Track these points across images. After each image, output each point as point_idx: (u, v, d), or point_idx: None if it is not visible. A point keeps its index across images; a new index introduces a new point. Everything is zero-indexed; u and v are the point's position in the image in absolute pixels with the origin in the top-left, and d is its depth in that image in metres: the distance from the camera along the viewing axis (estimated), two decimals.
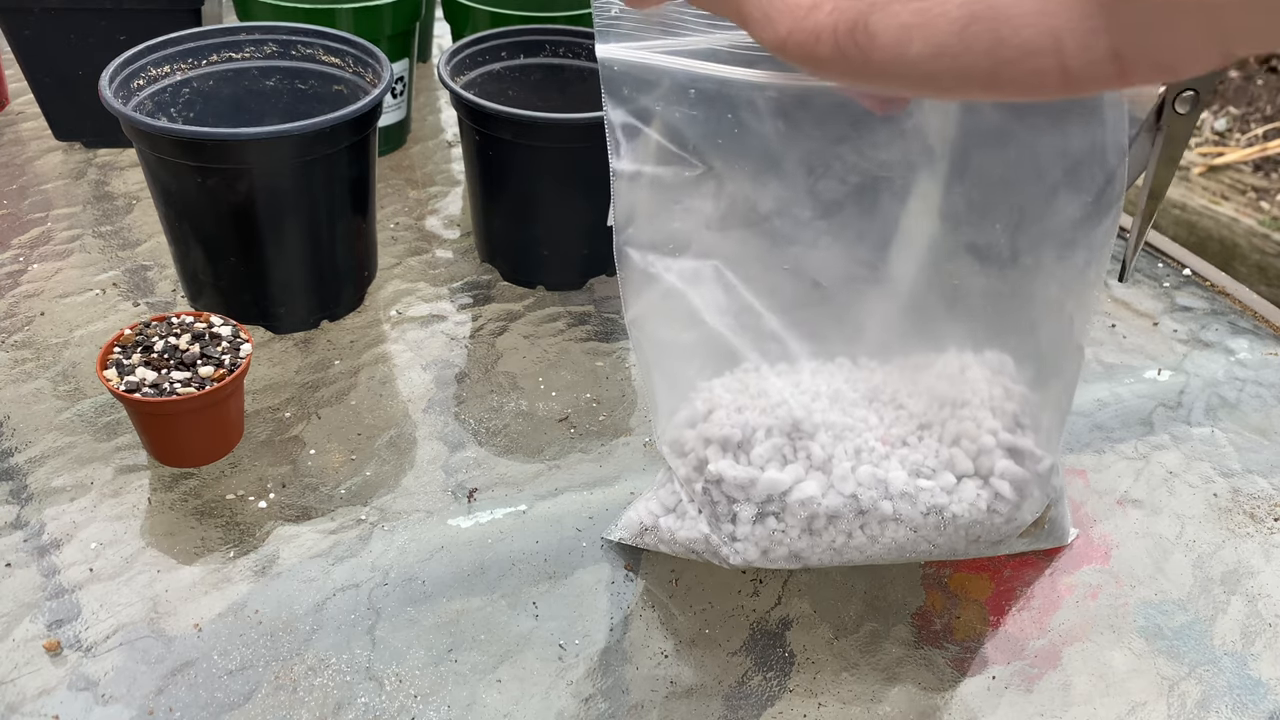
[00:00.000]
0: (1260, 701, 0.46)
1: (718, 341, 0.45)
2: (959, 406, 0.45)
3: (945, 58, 0.23)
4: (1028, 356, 0.45)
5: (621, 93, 0.40)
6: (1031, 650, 0.47)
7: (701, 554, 0.46)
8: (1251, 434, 0.62)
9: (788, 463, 0.44)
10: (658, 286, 0.44)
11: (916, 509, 0.44)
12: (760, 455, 0.44)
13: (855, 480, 0.43)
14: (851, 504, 0.43)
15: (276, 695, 0.43)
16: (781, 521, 0.44)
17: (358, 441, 0.56)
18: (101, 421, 0.56)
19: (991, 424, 0.44)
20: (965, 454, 0.44)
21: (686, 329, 0.44)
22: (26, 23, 0.74)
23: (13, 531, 0.49)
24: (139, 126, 0.54)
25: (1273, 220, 1.81)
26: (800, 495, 0.43)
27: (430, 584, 0.48)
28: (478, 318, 0.67)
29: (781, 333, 0.44)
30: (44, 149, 0.81)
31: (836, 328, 0.45)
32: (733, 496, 0.44)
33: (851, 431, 0.44)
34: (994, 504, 0.44)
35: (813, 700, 0.44)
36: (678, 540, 0.47)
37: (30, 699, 0.42)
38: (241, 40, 0.65)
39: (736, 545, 0.45)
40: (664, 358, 0.45)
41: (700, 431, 0.45)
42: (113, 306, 0.65)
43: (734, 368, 0.45)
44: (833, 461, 0.44)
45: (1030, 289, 0.44)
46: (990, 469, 0.44)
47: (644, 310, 0.44)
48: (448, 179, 0.83)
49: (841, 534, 0.44)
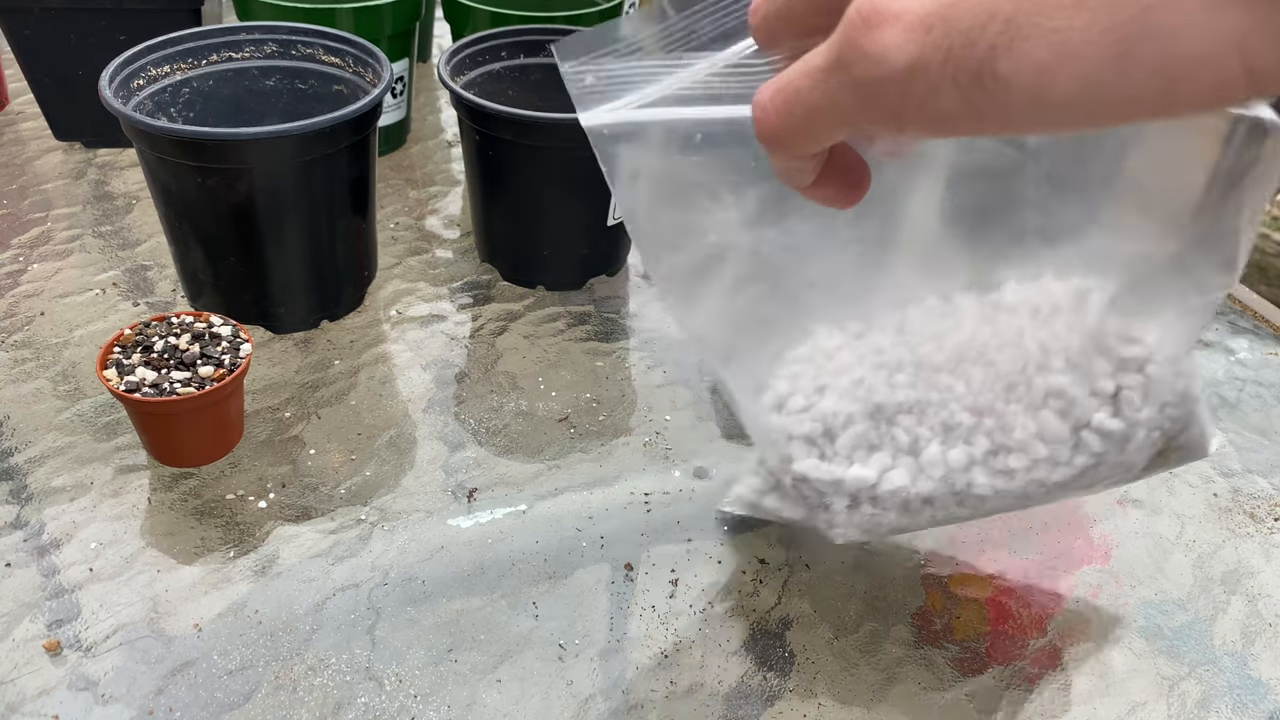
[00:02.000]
0: (1260, 701, 0.46)
1: (790, 312, 0.43)
2: (1050, 355, 0.42)
3: (1101, 89, 0.20)
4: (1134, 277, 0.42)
5: (618, 156, 0.38)
6: (1031, 650, 0.47)
7: (810, 525, 0.47)
8: (1251, 434, 0.62)
9: (874, 449, 0.43)
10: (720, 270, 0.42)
11: (1013, 484, 0.42)
12: (845, 445, 0.43)
13: (946, 464, 0.42)
14: (944, 486, 0.43)
15: (276, 695, 0.43)
16: (876, 506, 0.43)
17: (358, 441, 0.56)
18: (101, 421, 0.56)
19: (1086, 372, 0.41)
20: (1056, 414, 0.41)
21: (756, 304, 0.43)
22: (26, 23, 0.74)
23: (13, 531, 0.49)
24: (139, 126, 0.54)
25: (1272, 220, 1.81)
26: (890, 486, 0.43)
27: (430, 584, 0.48)
28: (478, 318, 0.67)
29: (857, 288, 0.43)
30: (44, 149, 0.81)
31: (918, 270, 0.43)
32: (822, 491, 0.44)
33: (937, 406, 0.42)
34: (1093, 458, 0.42)
35: (813, 700, 0.44)
36: (784, 516, 0.48)
37: (30, 699, 0.42)
38: (241, 40, 0.65)
39: (836, 530, 0.45)
40: (731, 358, 0.44)
41: (782, 423, 0.44)
42: (113, 306, 0.65)
43: (810, 336, 0.44)
44: (920, 443, 0.42)
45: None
46: (1085, 422, 0.42)
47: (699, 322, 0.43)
48: (448, 179, 0.83)
49: (941, 510, 0.44)
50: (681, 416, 0.60)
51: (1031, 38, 0.20)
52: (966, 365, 0.42)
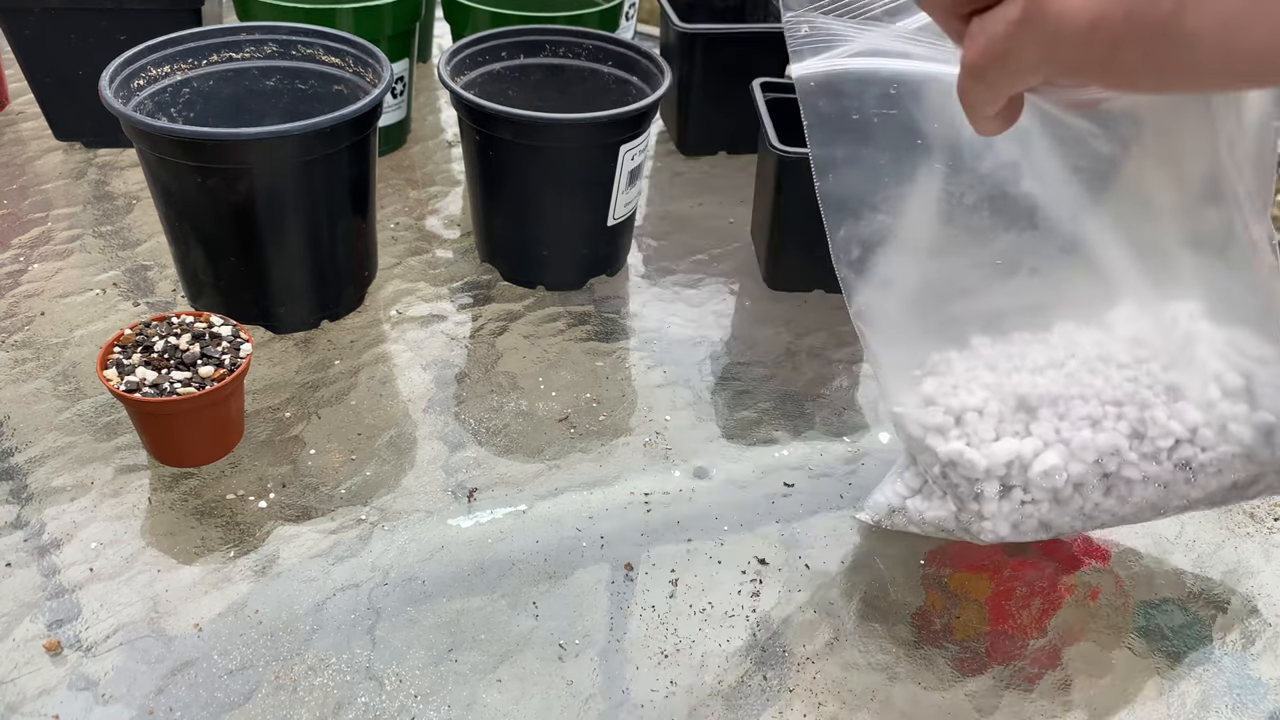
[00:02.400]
0: (1260, 701, 0.46)
1: (939, 322, 0.45)
2: (1177, 359, 0.44)
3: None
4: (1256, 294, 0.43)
5: (818, 108, 0.41)
6: (1031, 650, 0.47)
7: (953, 532, 0.47)
8: None
9: (1023, 436, 0.44)
10: (877, 275, 0.44)
11: (1162, 467, 0.44)
12: (990, 432, 0.44)
13: (1096, 447, 0.43)
14: (1095, 470, 0.44)
15: (276, 695, 0.43)
16: (1028, 494, 0.44)
17: (358, 441, 0.56)
18: (101, 421, 0.56)
19: (1216, 368, 0.44)
20: (1195, 405, 0.44)
21: (907, 312, 0.45)
22: (26, 23, 0.74)
23: (13, 531, 0.49)
24: (139, 126, 0.54)
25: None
26: (1042, 466, 0.44)
27: (430, 584, 0.48)
28: (478, 318, 0.67)
29: (996, 308, 0.45)
30: (44, 149, 0.81)
31: (1054, 294, 0.45)
32: (973, 476, 0.45)
33: (1079, 400, 0.44)
34: (1237, 450, 0.44)
35: (813, 700, 0.44)
36: (927, 520, 0.48)
37: (30, 699, 0.42)
38: (241, 40, 0.65)
39: (985, 523, 0.45)
40: (888, 341, 0.46)
41: (928, 416, 0.45)
42: (113, 306, 0.65)
43: (957, 347, 0.46)
44: (1065, 429, 0.44)
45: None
46: (1229, 416, 0.44)
47: (869, 298, 0.45)
48: (448, 179, 0.83)
49: (1090, 500, 0.45)
50: (681, 416, 0.60)
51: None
52: (1103, 365, 0.45)
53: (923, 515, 0.48)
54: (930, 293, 0.45)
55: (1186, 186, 0.41)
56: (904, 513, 0.49)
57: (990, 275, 0.44)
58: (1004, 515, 0.45)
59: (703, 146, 0.90)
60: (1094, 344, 0.45)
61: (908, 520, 0.49)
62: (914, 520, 0.49)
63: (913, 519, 0.49)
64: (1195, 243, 0.42)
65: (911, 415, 0.46)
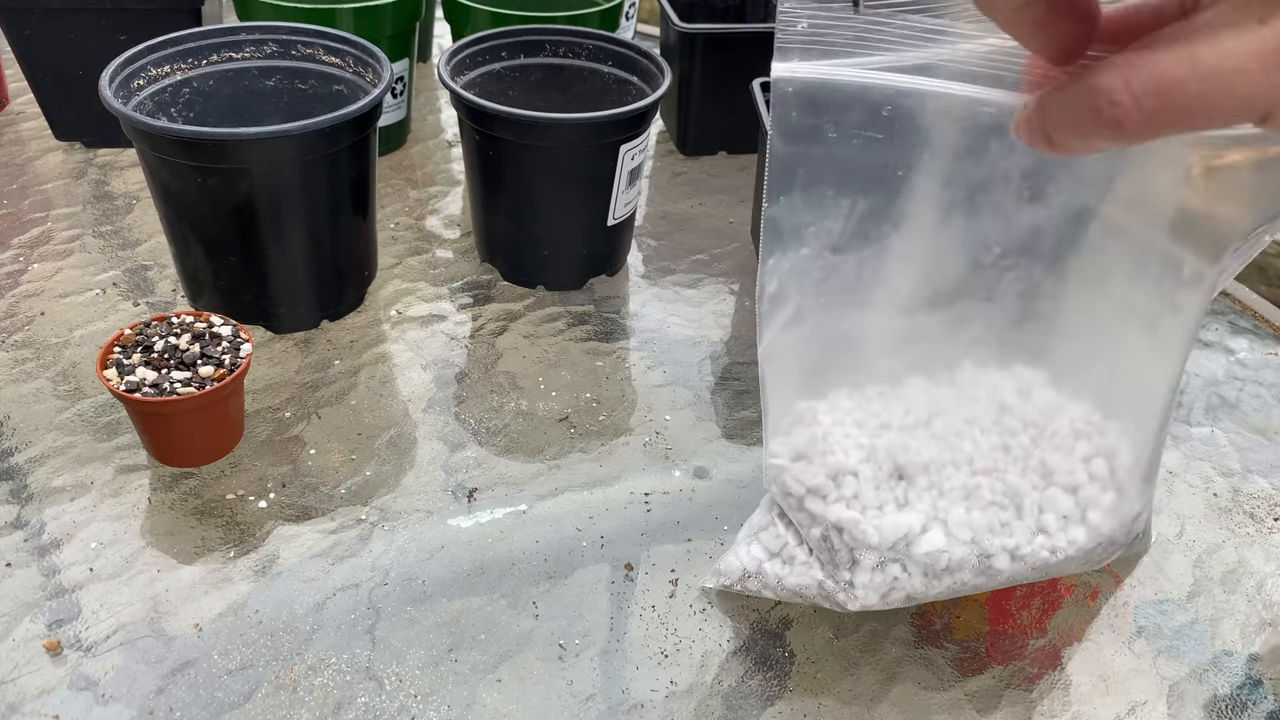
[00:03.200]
0: (1260, 701, 0.46)
1: (810, 359, 0.43)
2: (1043, 432, 0.43)
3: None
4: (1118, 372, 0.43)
5: (790, 119, 0.36)
6: (1031, 650, 0.47)
7: (811, 599, 0.45)
8: (1251, 434, 0.62)
9: (901, 507, 0.43)
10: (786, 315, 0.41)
11: (1039, 554, 0.43)
12: (872, 499, 0.43)
13: (971, 527, 0.42)
14: (974, 550, 0.43)
15: (276, 695, 0.43)
16: (905, 570, 0.43)
17: (358, 441, 0.56)
18: (101, 421, 0.56)
19: (1084, 452, 0.43)
20: (1065, 491, 0.43)
21: (792, 352, 0.42)
22: (26, 23, 0.74)
23: (13, 531, 0.49)
24: (139, 126, 0.54)
25: None
26: (928, 547, 0.42)
27: (430, 584, 0.48)
28: (478, 318, 0.67)
29: (883, 356, 0.43)
30: (44, 149, 0.81)
31: (943, 348, 0.43)
32: (856, 545, 0.43)
33: (952, 466, 0.43)
34: (1103, 539, 0.44)
35: (813, 700, 0.44)
36: (785, 586, 0.45)
37: (30, 699, 0.42)
38: (241, 40, 0.64)
39: (855, 591, 0.43)
40: (776, 384, 0.43)
41: (809, 475, 0.43)
42: (113, 306, 0.65)
43: (827, 387, 0.44)
44: (943, 506, 0.43)
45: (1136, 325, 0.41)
46: (1096, 503, 0.43)
47: (775, 339, 0.42)
48: (448, 179, 0.83)
49: (960, 578, 0.44)
50: (681, 416, 0.60)
51: None
52: (968, 428, 0.43)
53: (781, 581, 0.45)
54: (812, 339, 0.42)
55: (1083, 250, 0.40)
56: (760, 577, 0.46)
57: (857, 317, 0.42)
58: (874, 586, 0.43)
59: (703, 146, 0.90)
60: (955, 404, 0.43)
61: (763, 585, 0.46)
62: (770, 585, 0.46)
63: (768, 584, 0.46)
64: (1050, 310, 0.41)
65: (790, 471, 0.44)
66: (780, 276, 0.40)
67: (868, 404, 0.44)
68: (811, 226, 0.39)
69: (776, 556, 0.46)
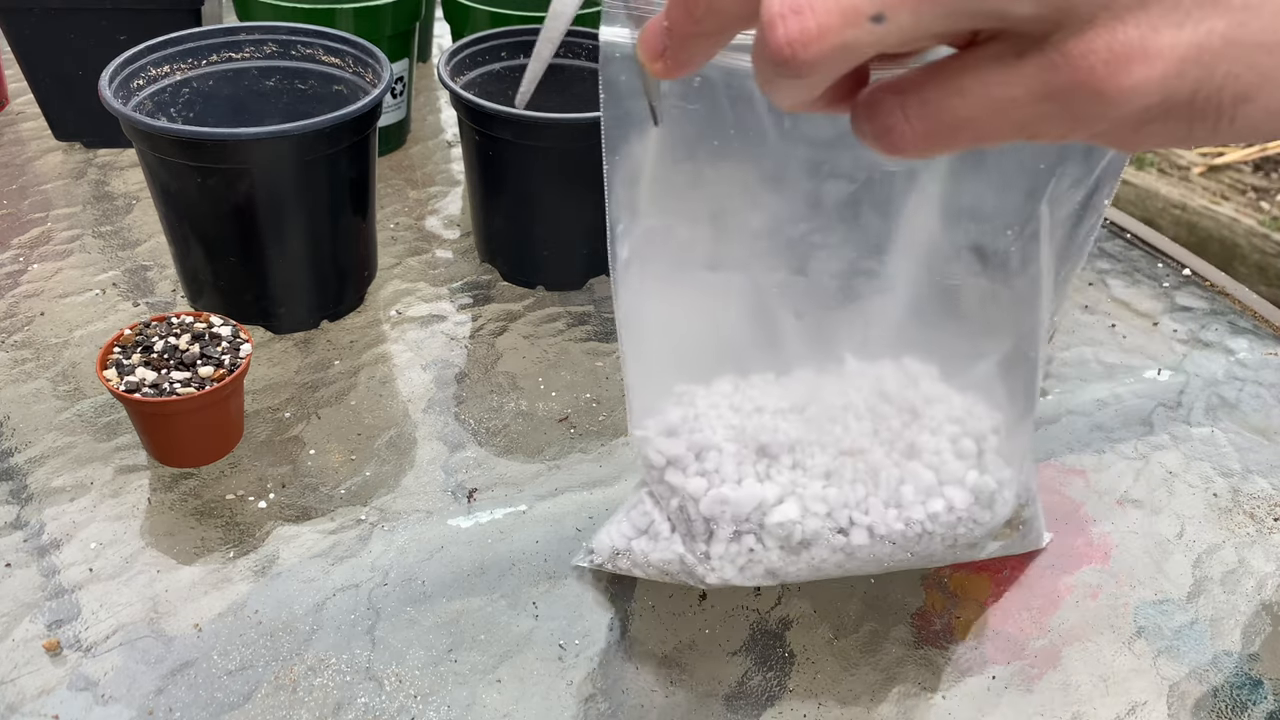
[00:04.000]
0: (1260, 701, 0.46)
1: (695, 347, 0.43)
2: (917, 417, 0.44)
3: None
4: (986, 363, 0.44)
5: (619, 83, 0.35)
6: (1031, 650, 0.47)
7: (675, 575, 0.45)
8: (1251, 434, 0.62)
9: (761, 481, 0.43)
10: (646, 285, 0.42)
11: (893, 526, 0.43)
12: (732, 473, 0.43)
13: (828, 501, 0.43)
14: (829, 523, 0.43)
15: (276, 695, 0.43)
16: (760, 542, 0.43)
17: (358, 441, 0.56)
18: (101, 421, 0.56)
19: (952, 433, 0.44)
20: (928, 467, 0.44)
21: (666, 331, 0.43)
22: (26, 23, 0.74)
23: (13, 531, 0.49)
24: (139, 126, 0.54)
25: (1273, 220, 1.81)
26: (779, 517, 0.43)
27: (430, 584, 0.48)
28: (477, 318, 0.67)
29: (759, 342, 0.43)
30: (44, 149, 0.81)
31: (815, 338, 0.44)
32: (709, 515, 0.43)
33: (819, 447, 0.43)
34: (963, 513, 0.44)
35: (813, 700, 0.44)
36: (651, 563, 0.46)
37: (30, 699, 0.42)
38: (241, 40, 0.65)
39: (711, 563, 0.44)
40: (642, 358, 0.44)
41: (671, 446, 0.44)
42: (113, 306, 0.65)
43: (711, 375, 0.45)
44: (803, 481, 0.43)
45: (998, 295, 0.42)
46: (958, 479, 0.44)
47: (631, 307, 0.42)
48: (448, 179, 0.83)
49: (820, 553, 0.44)
50: None
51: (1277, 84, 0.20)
52: (844, 414, 0.44)
53: (647, 557, 0.46)
54: (686, 319, 0.42)
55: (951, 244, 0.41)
56: (629, 555, 0.46)
57: (753, 311, 0.42)
58: (730, 558, 0.44)
59: None
60: (838, 393, 0.44)
61: (632, 563, 0.46)
62: (639, 563, 0.46)
63: (637, 561, 0.46)
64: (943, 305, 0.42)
65: (654, 443, 0.44)
66: (631, 243, 0.40)
67: (749, 389, 0.44)
68: (649, 193, 0.39)
69: (644, 534, 0.46)
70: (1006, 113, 0.22)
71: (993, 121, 0.22)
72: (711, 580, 0.44)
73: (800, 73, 0.20)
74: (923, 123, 0.22)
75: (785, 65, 0.20)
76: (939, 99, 0.22)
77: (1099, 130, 0.21)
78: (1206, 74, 0.19)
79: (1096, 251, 0.79)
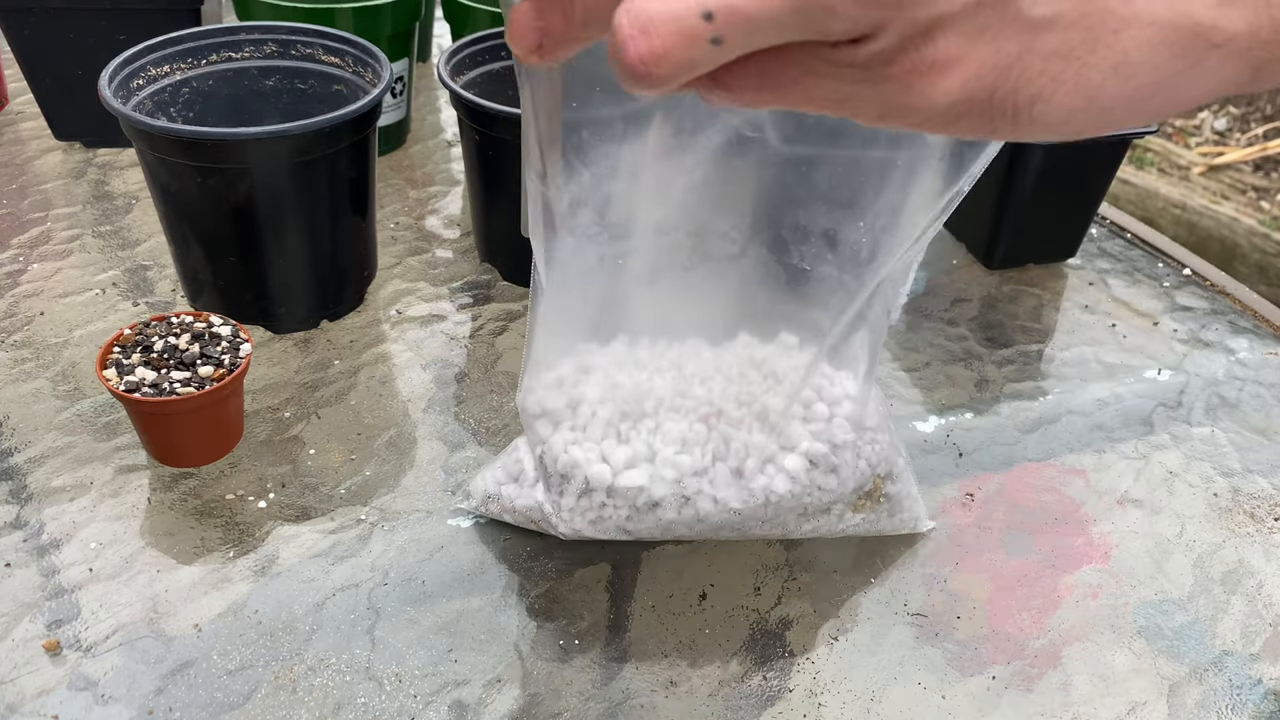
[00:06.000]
0: (1260, 702, 0.46)
1: (597, 307, 0.46)
2: (779, 382, 0.46)
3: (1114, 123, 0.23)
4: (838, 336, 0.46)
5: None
6: (1031, 650, 0.47)
7: (538, 523, 0.48)
8: (1251, 434, 0.62)
9: (621, 442, 0.46)
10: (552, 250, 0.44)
11: (735, 493, 0.45)
12: (597, 432, 0.46)
13: (677, 468, 0.45)
14: (676, 489, 0.45)
15: (276, 695, 0.43)
16: (612, 498, 0.45)
17: (357, 441, 0.56)
18: (101, 421, 0.56)
19: (807, 398, 0.46)
20: (771, 429, 0.45)
21: (559, 295, 0.45)
22: (26, 23, 0.74)
23: (12, 531, 0.49)
24: (139, 126, 0.54)
25: (1273, 220, 1.81)
26: (627, 481, 0.45)
27: (430, 584, 0.48)
28: (477, 317, 0.67)
29: (634, 310, 0.46)
30: (44, 149, 0.81)
31: (687, 307, 0.46)
32: (565, 473, 0.46)
33: (680, 413, 0.46)
34: (805, 482, 0.46)
35: (813, 700, 0.44)
36: (517, 508, 0.48)
37: (30, 699, 0.42)
38: (241, 40, 0.64)
39: (563, 515, 0.46)
40: (548, 318, 0.46)
41: (552, 399, 0.47)
42: (112, 306, 0.65)
43: (610, 336, 0.47)
44: (658, 445, 0.45)
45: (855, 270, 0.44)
46: (799, 447, 0.46)
47: (544, 265, 0.45)
48: (448, 179, 0.83)
49: (668, 514, 0.46)
50: None
51: (1071, 90, 0.22)
52: (714, 376, 0.47)
53: (513, 503, 0.49)
54: (591, 282, 0.45)
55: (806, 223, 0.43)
56: (499, 500, 0.49)
57: (651, 277, 0.44)
58: (580, 511, 0.46)
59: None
60: (713, 358, 0.47)
61: (501, 508, 0.50)
62: (506, 508, 0.49)
63: (506, 507, 0.49)
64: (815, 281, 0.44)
65: (536, 395, 0.47)
66: (543, 207, 0.43)
67: (635, 351, 0.47)
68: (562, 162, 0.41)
69: (514, 480, 0.49)
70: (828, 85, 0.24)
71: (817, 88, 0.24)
72: (564, 530, 0.47)
73: (653, 86, 0.22)
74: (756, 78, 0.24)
75: (639, 80, 0.22)
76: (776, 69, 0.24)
77: (910, 122, 0.24)
78: (1002, 78, 0.22)
79: (1096, 251, 0.80)
